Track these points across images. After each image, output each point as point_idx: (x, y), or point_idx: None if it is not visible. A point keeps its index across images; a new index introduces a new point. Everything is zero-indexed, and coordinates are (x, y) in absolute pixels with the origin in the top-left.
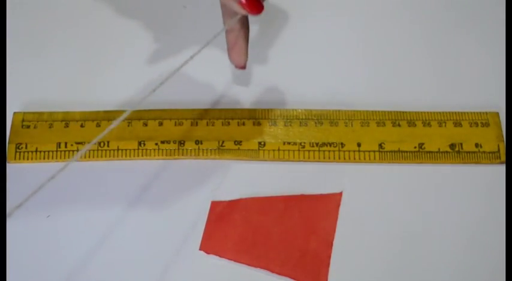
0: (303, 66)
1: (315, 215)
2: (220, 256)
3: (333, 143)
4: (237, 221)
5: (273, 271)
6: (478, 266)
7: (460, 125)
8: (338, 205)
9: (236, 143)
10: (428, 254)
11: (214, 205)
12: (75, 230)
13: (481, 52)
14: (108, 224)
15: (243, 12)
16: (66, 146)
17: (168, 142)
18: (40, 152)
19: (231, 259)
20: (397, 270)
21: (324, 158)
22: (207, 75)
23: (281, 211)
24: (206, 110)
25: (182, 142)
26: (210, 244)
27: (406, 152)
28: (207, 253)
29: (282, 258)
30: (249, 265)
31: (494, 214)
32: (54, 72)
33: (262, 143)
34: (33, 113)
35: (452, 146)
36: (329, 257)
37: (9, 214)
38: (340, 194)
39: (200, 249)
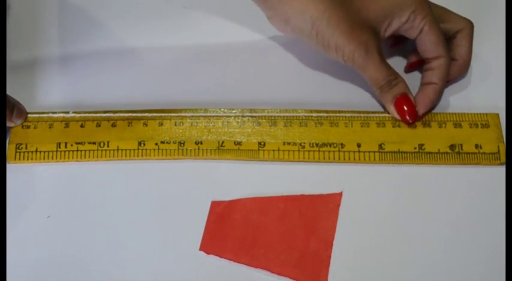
0: (303, 66)
1: (315, 215)
2: (220, 256)
3: (333, 143)
4: (237, 221)
5: (273, 271)
6: (478, 267)
7: (460, 126)
8: (338, 205)
9: (236, 143)
10: (427, 254)
11: (214, 205)
12: (75, 230)
13: (482, 53)
14: (108, 224)
15: (396, 116)
16: (66, 146)
17: (168, 142)
18: (40, 152)
19: (231, 259)
20: (397, 270)
21: (324, 158)
22: (207, 76)
23: (281, 211)
24: (206, 110)
25: (182, 142)
26: (210, 244)
27: (406, 152)
28: (207, 253)
29: (282, 258)
30: (249, 265)
31: (494, 215)
32: (54, 72)
33: (262, 143)
34: (33, 113)
35: (452, 147)
36: (329, 257)
37: None
38: (340, 194)
39: (200, 249)
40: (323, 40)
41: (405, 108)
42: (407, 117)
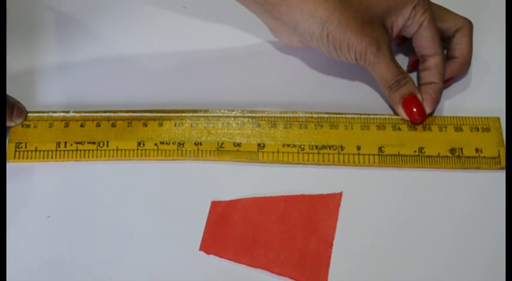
0: (304, 68)
1: (315, 215)
2: (220, 256)
3: (332, 146)
4: (237, 221)
5: (272, 271)
6: (477, 270)
7: (461, 129)
8: (338, 205)
9: (235, 144)
10: (426, 256)
11: (214, 205)
12: (75, 230)
13: (483, 56)
14: (108, 225)
15: (404, 117)
16: (65, 146)
17: (168, 143)
18: (40, 151)
19: (231, 259)
20: (396, 271)
21: (324, 161)
22: (207, 76)
23: (281, 211)
24: (206, 111)
25: (181, 142)
26: (210, 244)
27: (406, 156)
28: (207, 253)
29: (282, 258)
30: (249, 265)
31: (493, 219)
32: (54, 72)
33: (262, 145)
34: (33, 112)
35: (452, 150)
36: (329, 257)
37: None
38: (340, 194)
39: (200, 249)
40: (334, 40)
41: (413, 107)
42: (416, 117)
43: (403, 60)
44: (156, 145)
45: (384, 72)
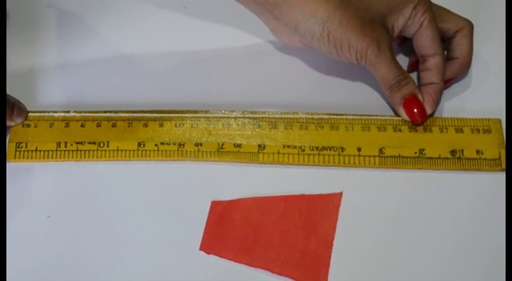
0: (304, 68)
1: (315, 215)
2: (220, 256)
3: (333, 147)
4: (237, 221)
5: (273, 271)
6: (477, 271)
7: (462, 131)
8: (338, 205)
9: (236, 145)
10: (426, 256)
11: (214, 205)
12: (75, 230)
13: (483, 57)
14: (108, 225)
15: (405, 117)
16: (66, 146)
17: (168, 143)
18: (40, 151)
19: (231, 259)
20: (396, 271)
21: (324, 162)
22: (207, 76)
23: (281, 211)
24: (206, 112)
25: (182, 143)
26: (210, 244)
27: (407, 157)
28: (207, 253)
29: (282, 258)
30: (249, 265)
31: (494, 221)
32: (55, 72)
33: (262, 146)
34: (34, 112)
35: (453, 152)
36: (329, 257)
37: None
38: (340, 194)
39: (200, 249)
40: (335, 40)
41: (414, 108)
42: (417, 117)
43: (403, 61)
44: (156, 145)
45: (384, 73)
